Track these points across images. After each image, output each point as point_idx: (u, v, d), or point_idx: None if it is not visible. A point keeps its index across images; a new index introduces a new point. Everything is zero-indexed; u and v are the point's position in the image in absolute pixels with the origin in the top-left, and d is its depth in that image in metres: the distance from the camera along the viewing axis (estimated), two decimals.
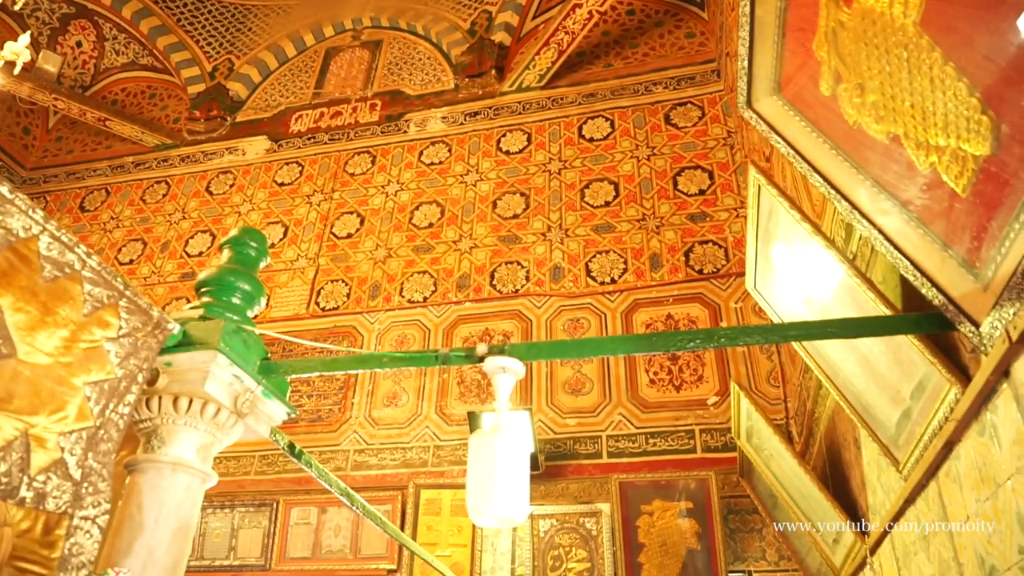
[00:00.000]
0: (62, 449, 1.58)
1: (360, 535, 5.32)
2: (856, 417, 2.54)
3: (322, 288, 7.02)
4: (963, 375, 1.78)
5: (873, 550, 2.95)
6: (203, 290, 2.26)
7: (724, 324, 5.73)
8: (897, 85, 1.58)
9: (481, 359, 1.91)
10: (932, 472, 2.09)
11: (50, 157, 9.68)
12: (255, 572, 5.41)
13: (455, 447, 5.63)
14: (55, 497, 1.54)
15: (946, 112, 1.46)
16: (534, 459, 5.12)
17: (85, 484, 1.60)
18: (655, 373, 5.61)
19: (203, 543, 5.61)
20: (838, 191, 1.91)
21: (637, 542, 4.75)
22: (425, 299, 6.61)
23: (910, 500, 2.34)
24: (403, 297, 6.69)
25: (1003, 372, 1.56)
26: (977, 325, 1.58)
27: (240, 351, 2.07)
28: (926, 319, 1.73)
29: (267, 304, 6.86)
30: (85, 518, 1.58)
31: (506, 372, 1.86)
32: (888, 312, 1.97)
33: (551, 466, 5.33)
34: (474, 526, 5.07)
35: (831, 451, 3.71)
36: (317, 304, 6.90)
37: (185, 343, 2.01)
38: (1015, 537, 1.59)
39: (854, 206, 1.87)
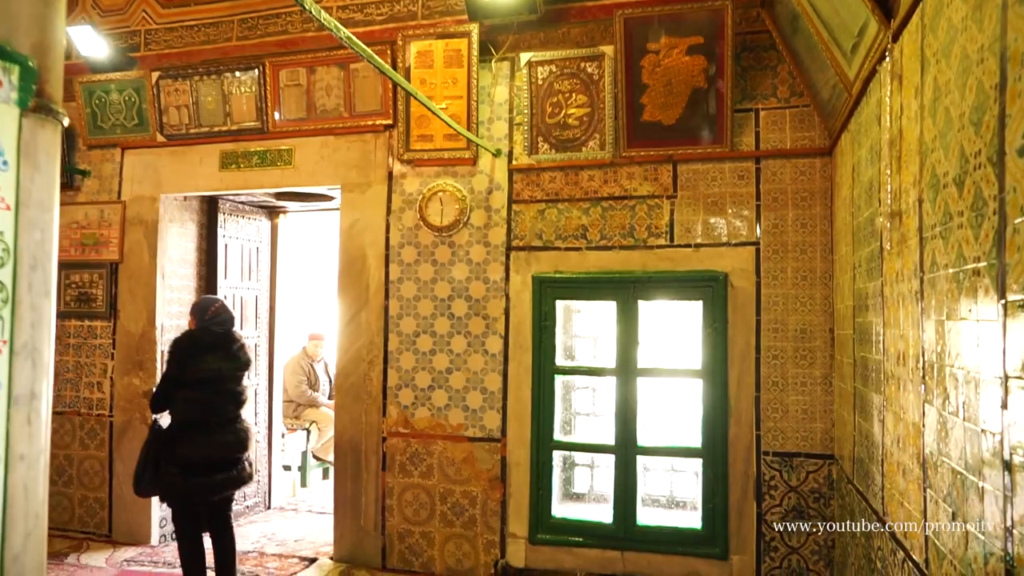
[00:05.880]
0: None
1: (353, 93, 5.11)
2: None
3: None
4: None
5: (896, 35, 2.59)
6: None
7: None
8: None
9: None
10: None
11: None
12: (254, 136, 5.39)
13: None
14: None
15: None
16: (531, 1, 4.59)
17: None
18: None
19: (198, 112, 5.51)
20: None
21: (641, 83, 4.46)
22: None
23: None
24: None
25: None
26: None
27: None
28: None
29: None
30: None
31: None
32: None
33: (551, 10, 4.80)
34: (469, 76, 4.79)
35: None
36: None
37: None
38: None
39: None
